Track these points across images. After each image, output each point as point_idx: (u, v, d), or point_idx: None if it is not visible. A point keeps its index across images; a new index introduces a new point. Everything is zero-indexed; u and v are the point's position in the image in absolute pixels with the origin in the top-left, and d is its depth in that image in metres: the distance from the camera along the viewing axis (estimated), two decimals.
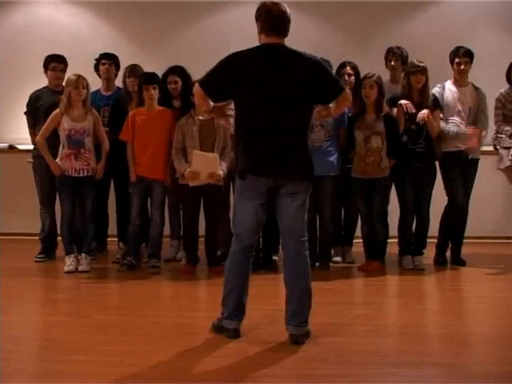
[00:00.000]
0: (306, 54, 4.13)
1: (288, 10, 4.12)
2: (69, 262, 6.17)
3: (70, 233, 6.25)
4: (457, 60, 6.37)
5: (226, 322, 4.28)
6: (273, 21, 4.07)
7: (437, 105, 6.27)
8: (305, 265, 4.17)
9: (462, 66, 6.34)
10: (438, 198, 6.46)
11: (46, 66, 6.68)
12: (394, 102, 6.28)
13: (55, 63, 6.64)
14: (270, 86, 4.02)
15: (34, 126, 6.55)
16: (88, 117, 6.13)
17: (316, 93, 4.11)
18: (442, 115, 6.32)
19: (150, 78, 6.14)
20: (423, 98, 6.18)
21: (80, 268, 6.15)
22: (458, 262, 6.47)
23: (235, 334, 4.27)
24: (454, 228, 6.50)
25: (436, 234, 6.58)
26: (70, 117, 6.08)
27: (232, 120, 4.96)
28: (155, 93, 6.08)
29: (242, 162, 4.17)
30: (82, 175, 6.13)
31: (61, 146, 6.13)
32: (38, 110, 6.53)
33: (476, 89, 6.46)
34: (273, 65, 4.05)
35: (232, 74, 4.07)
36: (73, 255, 6.21)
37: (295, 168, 4.11)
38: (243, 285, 4.26)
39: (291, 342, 4.15)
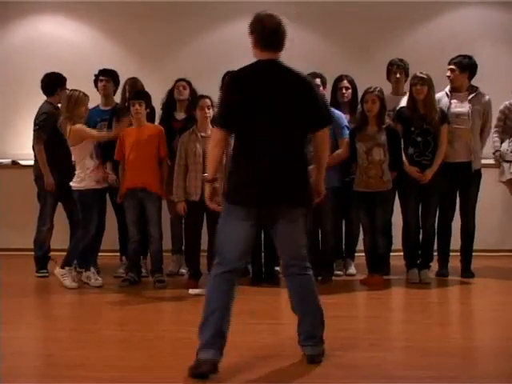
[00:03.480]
0: (301, 74, 3.92)
1: (284, 23, 3.90)
2: (92, 277, 6.17)
3: (94, 247, 6.28)
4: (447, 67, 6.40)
5: (202, 352, 3.75)
6: (267, 35, 3.83)
7: (444, 119, 6.20)
8: (311, 286, 4.03)
9: (448, 73, 6.34)
10: None
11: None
12: (400, 116, 6.24)
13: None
14: (264, 105, 3.78)
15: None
16: None
17: (306, 116, 3.87)
18: None
19: (136, 94, 6.24)
20: (428, 109, 6.12)
21: (96, 283, 6.15)
22: (467, 274, 6.43)
23: (210, 367, 3.71)
24: (461, 240, 6.46)
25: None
26: None
27: None
28: (141, 108, 6.10)
29: (231, 187, 3.88)
30: (104, 186, 6.24)
31: (84, 160, 6.07)
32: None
33: (477, 95, 6.36)
34: (267, 84, 3.82)
35: (238, 94, 3.81)
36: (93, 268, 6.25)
37: (290, 193, 3.86)
38: (224, 310, 3.82)
39: (308, 361, 4.02)
